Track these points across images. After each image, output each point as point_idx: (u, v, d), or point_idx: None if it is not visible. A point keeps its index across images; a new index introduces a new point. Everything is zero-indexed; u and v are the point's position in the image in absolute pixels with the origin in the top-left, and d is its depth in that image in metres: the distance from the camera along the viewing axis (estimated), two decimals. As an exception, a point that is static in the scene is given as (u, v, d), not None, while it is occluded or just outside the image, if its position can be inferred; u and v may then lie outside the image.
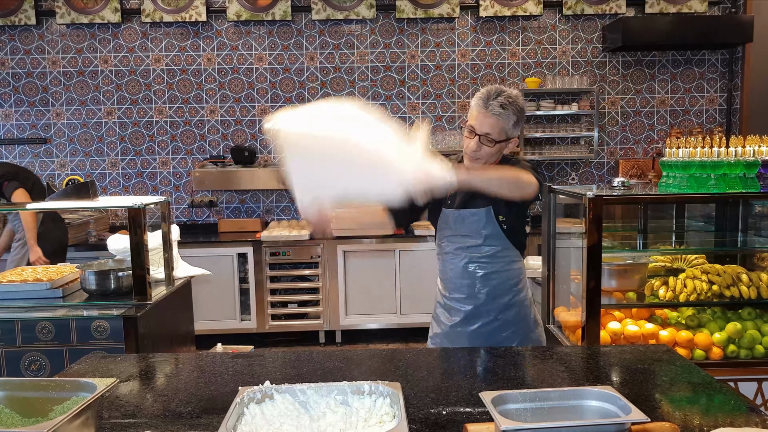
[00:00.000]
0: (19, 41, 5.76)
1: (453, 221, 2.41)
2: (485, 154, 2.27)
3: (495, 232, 2.36)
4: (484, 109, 2.21)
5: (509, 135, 2.26)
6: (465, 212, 2.38)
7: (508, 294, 2.43)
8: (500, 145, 2.26)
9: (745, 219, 3.44)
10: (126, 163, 5.95)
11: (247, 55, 5.85)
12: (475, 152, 2.27)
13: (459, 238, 2.41)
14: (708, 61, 5.92)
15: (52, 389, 1.44)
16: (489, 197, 2.27)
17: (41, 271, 3.23)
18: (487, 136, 2.23)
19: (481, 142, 2.24)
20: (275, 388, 1.44)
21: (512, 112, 2.21)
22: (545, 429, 1.20)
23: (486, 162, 2.31)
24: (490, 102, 2.20)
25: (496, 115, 2.20)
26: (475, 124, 2.24)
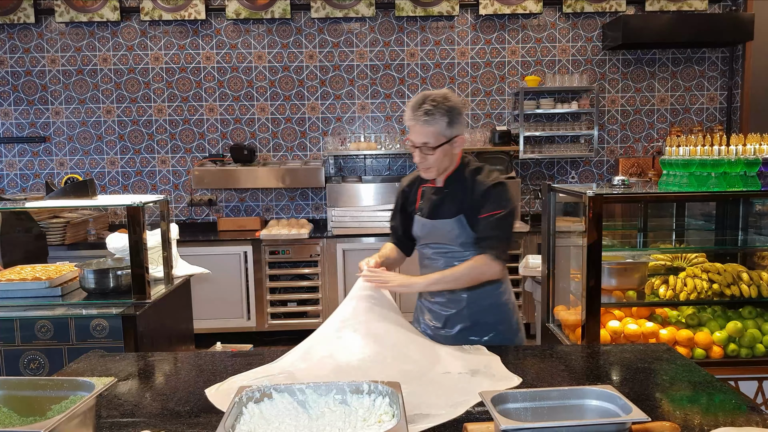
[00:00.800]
0: (18, 39, 5.75)
1: (426, 230, 2.43)
2: (432, 162, 2.29)
3: (468, 239, 2.35)
4: (414, 120, 2.23)
5: (448, 136, 2.25)
6: (436, 222, 2.39)
7: (488, 298, 2.42)
8: (443, 149, 2.26)
9: (745, 217, 3.43)
10: (125, 161, 5.94)
11: (246, 53, 5.83)
12: (421, 163, 2.30)
13: (435, 245, 2.43)
14: (708, 59, 5.91)
15: (50, 388, 1.43)
16: (458, 205, 2.34)
17: (40, 269, 3.22)
18: (425, 145, 2.24)
19: (423, 153, 2.26)
20: (274, 387, 1.44)
21: (440, 114, 2.21)
22: (545, 428, 1.19)
23: (438, 169, 2.32)
24: (417, 112, 2.21)
25: (424, 123, 2.21)
26: (412, 137, 2.27)
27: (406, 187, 2.55)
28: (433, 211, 2.40)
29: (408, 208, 2.52)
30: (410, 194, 2.52)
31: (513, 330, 2.48)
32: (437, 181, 2.42)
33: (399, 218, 2.55)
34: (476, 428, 1.38)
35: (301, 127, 5.93)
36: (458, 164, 2.39)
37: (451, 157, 2.33)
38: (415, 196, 2.49)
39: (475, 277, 2.27)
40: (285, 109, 5.90)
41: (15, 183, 5.93)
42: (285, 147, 5.95)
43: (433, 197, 2.42)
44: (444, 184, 2.40)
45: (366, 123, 5.93)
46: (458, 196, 2.36)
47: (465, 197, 2.34)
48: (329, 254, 5.34)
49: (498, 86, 5.93)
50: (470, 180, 2.36)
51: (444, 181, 2.40)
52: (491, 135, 5.69)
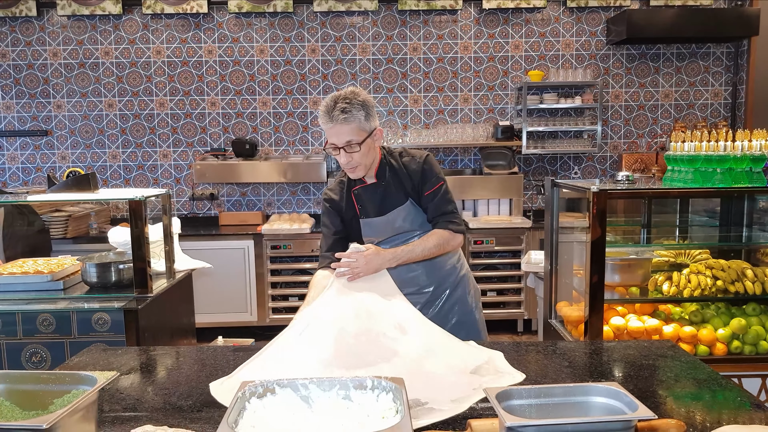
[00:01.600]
0: (19, 33, 5.73)
1: (379, 228, 2.42)
2: (359, 160, 2.28)
3: (424, 219, 2.42)
4: (332, 122, 2.22)
5: (368, 130, 2.26)
6: (389, 215, 2.40)
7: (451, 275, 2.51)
8: (366, 144, 2.27)
9: (750, 214, 3.41)
10: (127, 155, 5.93)
11: (249, 47, 5.81)
12: (348, 164, 2.29)
13: (390, 239, 2.43)
14: (713, 55, 5.88)
15: (52, 382, 1.42)
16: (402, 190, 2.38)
17: (42, 263, 3.22)
18: (348, 144, 2.24)
19: (348, 152, 2.25)
20: (277, 383, 1.43)
21: (357, 110, 2.21)
22: (550, 425, 1.18)
23: (365, 165, 2.32)
24: (333, 112, 2.20)
25: (342, 122, 2.20)
26: (333, 140, 2.25)
27: (335, 197, 2.48)
28: (380, 207, 2.41)
29: (345, 217, 2.47)
30: (342, 203, 2.46)
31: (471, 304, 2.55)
32: (367, 179, 2.41)
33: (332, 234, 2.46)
34: (480, 424, 1.37)
35: (303, 122, 5.91)
36: (381, 155, 2.41)
37: (374, 151, 2.35)
38: (351, 204, 2.45)
39: (442, 247, 2.36)
40: (287, 103, 5.88)
41: (17, 176, 5.92)
42: (287, 141, 5.94)
43: (372, 196, 2.41)
44: (377, 178, 2.40)
45: (368, 117, 5.90)
46: (397, 182, 2.39)
47: (405, 181, 2.38)
48: (331, 249, 5.32)
49: (501, 81, 5.90)
50: (398, 165, 2.40)
51: (375, 176, 2.40)
52: (494, 130, 5.67)
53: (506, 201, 5.64)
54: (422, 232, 2.40)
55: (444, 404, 1.60)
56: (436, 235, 2.33)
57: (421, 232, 2.40)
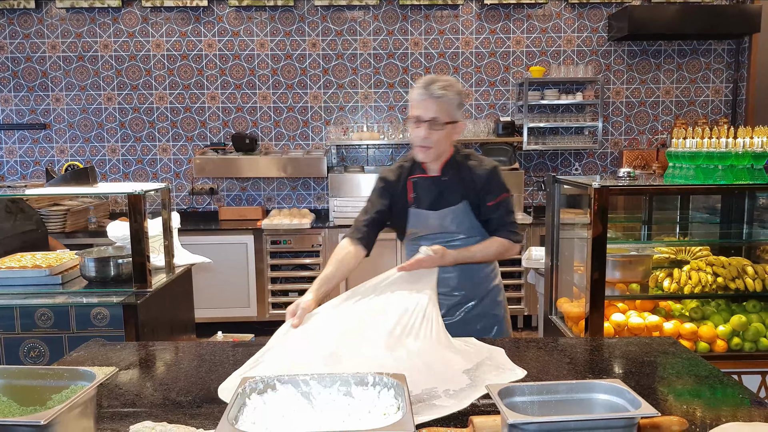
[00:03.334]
0: (18, 25, 5.70)
1: (428, 222, 2.40)
2: (435, 140, 2.27)
3: (473, 224, 2.38)
4: (426, 95, 2.23)
5: (455, 117, 2.28)
6: (442, 212, 2.37)
7: (485, 282, 2.47)
8: (448, 128, 2.27)
9: (750, 211, 3.41)
10: (126, 149, 5.91)
11: (249, 41, 5.79)
12: (425, 139, 2.27)
13: (434, 236, 2.40)
14: (714, 51, 5.87)
15: (51, 378, 1.41)
16: (461, 191, 2.35)
17: (40, 257, 3.20)
18: (434, 120, 2.24)
19: (431, 128, 2.25)
20: (277, 379, 1.42)
21: (453, 94, 2.25)
22: (553, 423, 1.17)
23: (437, 151, 2.31)
24: (431, 87, 2.23)
25: (438, 97, 2.22)
26: (420, 112, 2.26)
27: (391, 177, 2.45)
28: (436, 201, 2.37)
29: (395, 200, 2.44)
30: (397, 186, 2.43)
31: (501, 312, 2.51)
32: (431, 170, 2.39)
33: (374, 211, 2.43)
34: (483, 421, 1.36)
35: (304, 116, 5.89)
36: (452, 152, 2.39)
37: (449, 142, 2.34)
38: (405, 189, 2.42)
39: (501, 255, 2.37)
40: (287, 97, 5.86)
41: (15, 170, 5.90)
42: (287, 136, 5.92)
43: (432, 187, 2.38)
44: (441, 173, 2.38)
45: (369, 113, 5.90)
46: (458, 182, 2.36)
47: (466, 184, 2.35)
48: (331, 244, 5.32)
49: (502, 76, 5.88)
50: (465, 166, 2.37)
51: (440, 170, 2.38)
52: (495, 126, 5.65)
53: (506, 197, 5.62)
54: (466, 236, 2.37)
55: (445, 400, 1.59)
56: (498, 243, 2.33)
57: (465, 237, 2.37)
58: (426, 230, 2.41)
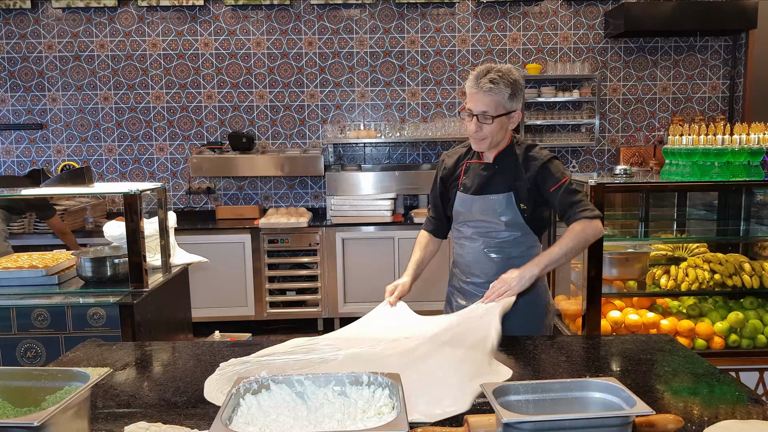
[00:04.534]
0: (14, 25, 5.69)
1: (471, 206, 2.37)
2: (488, 133, 2.26)
3: (515, 217, 2.32)
4: (476, 89, 2.22)
5: (508, 108, 2.25)
6: (485, 198, 2.34)
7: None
8: (500, 120, 2.24)
9: (747, 207, 3.41)
10: (123, 149, 5.90)
11: (245, 39, 5.78)
12: (476, 133, 2.26)
13: (476, 223, 2.38)
14: (711, 48, 5.87)
15: (45, 378, 1.41)
16: (509, 182, 2.30)
17: (37, 257, 3.20)
18: (483, 114, 2.23)
19: (480, 122, 2.23)
20: (272, 378, 1.41)
21: (504, 85, 2.20)
22: (548, 421, 1.17)
23: (492, 141, 2.29)
24: (480, 80, 2.21)
25: (487, 91, 2.20)
26: (471, 105, 2.25)
27: (449, 162, 2.47)
28: (481, 187, 2.35)
29: (449, 183, 2.46)
30: (453, 169, 2.45)
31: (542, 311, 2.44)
32: (486, 156, 2.37)
33: (438, 196, 2.50)
34: (477, 420, 1.35)
35: (300, 115, 5.89)
36: (509, 142, 2.36)
37: (505, 131, 2.31)
38: (459, 172, 2.43)
39: (584, 243, 2.22)
40: (284, 96, 5.86)
41: (12, 170, 5.89)
42: (284, 135, 5.91)
43: (482, 173, 2.37)
44: (494, 160, 2.36)
45: (366, 111, 5.89)
46: (509, 172, 2.33)
47: (517, 174, 2.31)
48: (328, 243, 5.31)
49: (499, 74, 5.87)
50: (522, 157, 2.33)
51: (494, 158, 2.36)
52: (492, 123, 5.64)
53: (504, 195, 5.62)
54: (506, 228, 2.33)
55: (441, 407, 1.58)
56: (573, 232, 2.19)
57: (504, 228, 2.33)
58: (468, 215, 2.40)
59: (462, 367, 1.75)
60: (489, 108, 2.22)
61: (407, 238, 5.25)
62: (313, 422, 1.35)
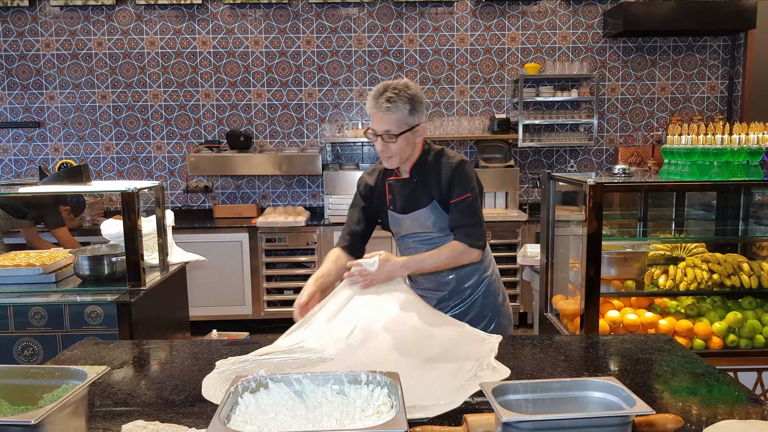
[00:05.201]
0: (11, 23, 5.67)
1: (403, 223, 2.45)
2: (395, 151, 2.29)
3: (445, 222, 2.39)
4: (376, 109, 2.24)
5: (410, 124, 2.27)
6: (413, 215, 2.41)
7: (474, 274, 2.48)
8: (405, 137, 2.27)
9: (746, 207, 3.40)
10: (120, 147, 5.88)
11: (243, 38, 5.77)
12: (383, 152, 2.31)
13: (414, 235, 2.46)
14: (710, 48, 5.87)
15: (42, 377, 1.40)
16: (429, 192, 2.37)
17: (34, 255, 3.19)
18: (387, 133, 2.25)
19: (385, 141, 2.27)
20: (270, 377, 1.41)
21: (402, 102, 2.22)
22: (547, 421, 1.17)
23: (401, 157, 2.32)
24: (378, 100, 2.23)
25: (385, 110, 2.22)
26: (374, 126, 2.28)
27: (370, 181, 2.51)
28: (407, 204, 2.42)
29: (375, 202, 2.51)
30: (376, 189, 2.50)
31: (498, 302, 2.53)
32: (402, 172, 2.42)
33: (360, 213, 2.51)
34: (476, 420, 1.35)
35: (298, 114, 5.88)
36: (420, 152, 2.40)
37: (413, 145, 2.34)
38: (383, 190, 2.48)
39: (455, 260, 2.33)
40: (282, 95, 5.85)
41: (9, 168, 5.87)
42: (282, 134, 5.90)
43: (402, 190, 2.43)
44: (410, 174, 2.41)
45: (364, 110, 5.88)
46: (427, 183, 2.38)
47: (434, 183, 2.37)
48: (326, 242, 5.31)
49: (497, 73, 5.87)
50: (435, 164, 2.38)
51: (410, 171, 2.41)
52: (490, 123, 5.65)
53: (502, 194, 5.63)
54: (443, 235, 2.40)
55: (436, 400, 1.59)
56: (450, 248, 2.30)
57: (442, 235, 2.40)
58: (404, 230, 2.48)
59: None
60: (391, 126, 2.24)
61: (405, 237, 5.24)
62: (311, 421, 1.34)
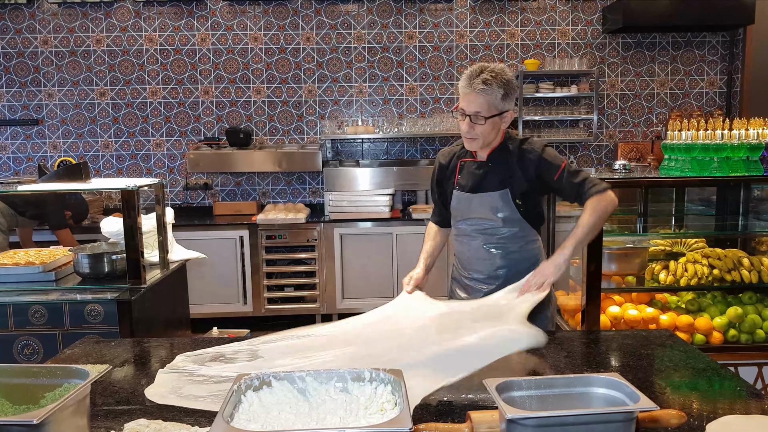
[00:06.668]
0: (9, 20, 5.65)
1: (468, 204, 2.40)
2: (480, 133, 2.27)
3: (512, 213, 2.34)
4: (469, 89, 2.22)
5: (500, 109, 2.25)
6: (481, 196, 2.36)
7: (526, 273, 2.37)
8: (493, 121, 2.25)
9: (745, 202, 3.41)
10: (119, 144, 5.87)
11: (242, 35, 5.75)
12: (468, 132, 2.28)
13: (474, 221, 2.40)
14: (708, 44, 5.86)
15: (44, 376, 1.40)
16: (503, 179, 2.32)
17: (33, 254, 3.18)
18: (476, 114, 2.23)
19: (472, 122, 2.24)
20: (273, 375, 1.40)
21: (498, 86, 2.20)
22: (552, 417, 1.16)
23: (484, 141, 2.30)
24: (473, 80, 2.21)
25: (480, 92, 2.20)
26: (464, 106, 2.25)
27: (443, 161, 2.50)
28: (476, 185, 2.37)
29: (445, 182, 2.48)
30: (447, 169, 2.48)
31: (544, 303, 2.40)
32: (479, 155, 2.38)
33: (436, 192, 2.54)
34: (480, 416, 1.35)
35: (298, 111, 5.87)
36: (502, 139, 2.37)
37: (497, 131, 2.31)
38: (454, 171, 2.45)
39: (603, 216, 2.23)
40: (281, 92, 5.83)
41: (8, 166, 5.86)
42: (281, 130, 5.89)
43: (475, 171, 2.38)
44: (487, 158, 2.37)
45: (363, 106, 5.87)
46: (503, 169, 2.34)
47: (511, 170, 2.33)
48: (326, 239, 5.30)
49: (497, 70, 5.85)
50: (516, 152, 2.34)
51: (488, 156, 2.37)
52: (490, 119, 5.63)
53: (502, 190, 5.61)
54: (503, 224, 2.35)
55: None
56: (588, 208, 2.21)
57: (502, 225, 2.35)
58: (466, 213, 2.42)
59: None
60: (482, 109, 2.22)
61: (405, 233, 5.24)
62: (315, 419, 1.34)
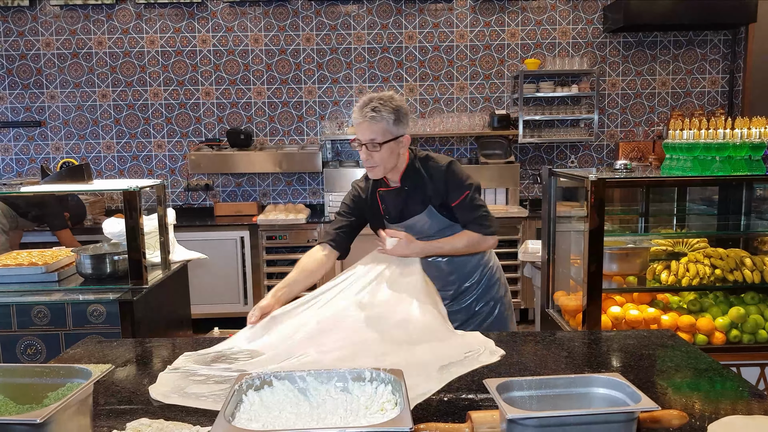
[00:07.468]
0: (12, 23, 5.66)
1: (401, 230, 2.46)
2: (379, 160, 2.33)
3: (441, 223, 2.45)
4: (361, 118, 2.30)
5: (395, 134, 2.32)
6: (410, 221, 2.46)
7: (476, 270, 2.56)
8: (389, 146, 2.32)
9: (748, 202, 3.40)
10: (121, 146, 5.88)
11: (243, 36, 5.76)
12: (368, 161, 2.34)
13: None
14: (710, 42, 5.86)
15: (47, 375, 1.40)
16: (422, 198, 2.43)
17: (36, 254, 3.19)
18: (372, 141, 2.30)
19: (369, 150, 2.31)
20: (274, 375, 1.41)
21: (387, 112, 2.28)
22: (552, 417, 1.16)
23: (385, 167, 2.36)
24: (364, 109, 2.28)
25: (371, 120, 2.27)
26: (359, 135, 2.33)
27: (361, 193, 2.54)
28: (400, 213, 2.47)
29: (368, 211, 2.54)
30: (368, 201, 2.53)
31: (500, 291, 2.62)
32: (392, 181, 2.47)
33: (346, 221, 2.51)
34: (481, 416, 1.35)
35: (298, 111, 5.87)
36: (408, 160, 2.44)
37: (397, 156, 2.38)
38: (376, 202, 2.52)
39: (472, 248, 2.45)
40: (282, 92, 5.84)
41: (11, 168, 5.87)
42: (282, 131, 5.90)
43: (395, 199, 2.47)
44: (401, 183, 2.45)
45: (364, 107, 5.86)
46: (419, 189, 2.43)
47: (426, 187, 2.42)
48: (327, 239, 5.30)
49: (497, 69, 5.87)
50: (424, 169, 2.43)
51: (400, 180, 2.45)
52: (490, 119, 5.64)
53: (503, 190, 5.62)
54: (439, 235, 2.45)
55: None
56: (467, 236, 2.40)
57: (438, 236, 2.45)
58: None
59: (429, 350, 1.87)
60: (376, 135, 2.29)
61: (407, 234, 5.24)
62: (315, 418, 1.34)
